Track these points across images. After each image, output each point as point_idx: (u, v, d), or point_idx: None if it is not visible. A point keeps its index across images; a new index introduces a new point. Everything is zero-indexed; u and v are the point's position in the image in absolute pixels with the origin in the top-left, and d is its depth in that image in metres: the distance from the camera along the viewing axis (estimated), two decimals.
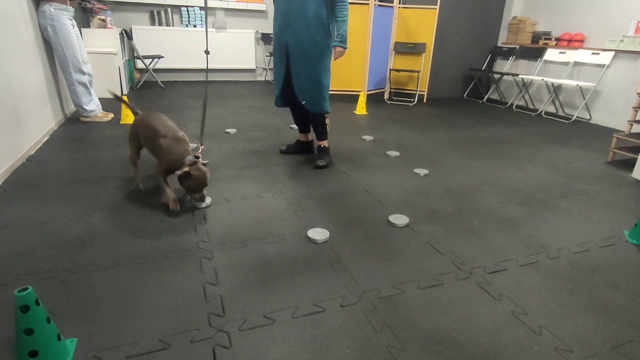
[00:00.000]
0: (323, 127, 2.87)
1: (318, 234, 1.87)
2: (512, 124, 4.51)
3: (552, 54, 5.24)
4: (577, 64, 4.99)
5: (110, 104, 4.29)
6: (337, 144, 3.37)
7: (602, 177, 2.90)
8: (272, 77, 6.89)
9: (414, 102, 5.49)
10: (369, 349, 1.23)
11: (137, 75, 5.95)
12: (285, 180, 2.54)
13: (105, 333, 1.24)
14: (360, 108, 4.64)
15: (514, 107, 5.57)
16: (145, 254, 1.66)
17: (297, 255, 1.71)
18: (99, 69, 4.40)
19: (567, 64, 5.07)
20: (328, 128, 2.93)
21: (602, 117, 4.76)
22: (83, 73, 3.52)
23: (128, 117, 3.69)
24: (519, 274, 1.66)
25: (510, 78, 5.83)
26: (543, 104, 5.34)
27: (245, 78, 6.83)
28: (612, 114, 4.64)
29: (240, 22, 6.42)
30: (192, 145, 2.88)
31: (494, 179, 2.74)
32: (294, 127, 3.84)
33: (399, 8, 5.31)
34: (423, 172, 2.78)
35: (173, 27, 6.05)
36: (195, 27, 6.13)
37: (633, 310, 1.47)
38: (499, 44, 6.08)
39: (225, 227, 1.93)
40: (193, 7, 6.04)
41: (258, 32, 6.56)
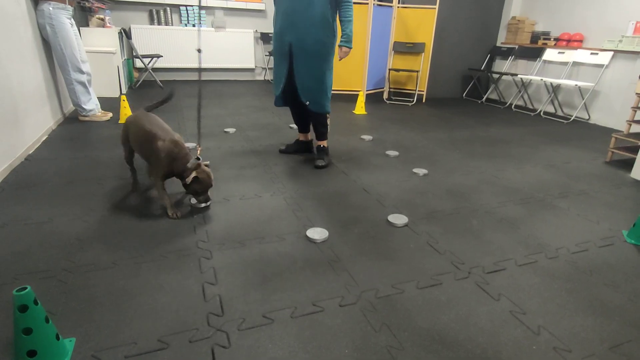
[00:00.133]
0: (324, 127, 2.87)
1: (317, 234, 1.87)
2: (511, 124, 4.52)
3: (551, 54, 5.25)
4: (576, 64, 4.99)
5: (109, 103, 4.29)
6: (336, 144, 3.37)
7: (600, 177, 2.90)
8: (271, 76, 6.88)
9: (413, 101, 5.50)
10: (368, 349, 1.23)
11: (136, 75, 5.94)
12: (285, 180, 2.54)
13: (104, 333, 1.24)
14: (360, 108, 4.64)
15: (513, 107, 5.57)
16: (144, 254, 1.66)
17: (296, 255, 1.71)
18: (98, 68, 4.39)
19: (566, 64, 5.08)
20: (328, 128, 2.93)
21: (600, 117, 4.77)
22: (82, 72, 3.52)
23: (127, 116, 3.69)
24: (518, 274, 1.66)
25: (509, 78, 5.83)
26: (542, 104, 5.35)
27: (245, 77, 6.82)
28: (610, 114, 4.65)
29: (240, 21, 6.42)
30: (189, 145, 2.87)
31: (493, 179, 2.74)
32: (293, 126, 3.84)
33: (398, 8, 5.31)
34: (422, 171, 2.78)
35: (172, 26, 6.04)
36: (194, 26, 6.12)
37: (631, 310, 1.47)
38: (498, 44, 6.08)
39: (225, 226, 1.93)
40: (192, 6, 6.04)
41: (257, 31, 6.55)
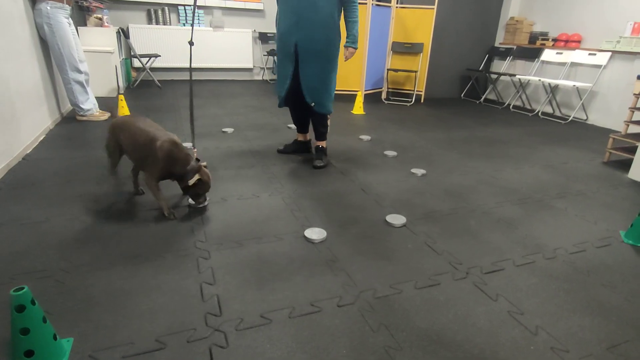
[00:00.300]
0: (324, 127, 2.87)
1: (315, 234, 1.86)
2: (509, 124, 4.53)
3: (549, 55, 5.26)
4: (574, 65, 5.01)
5: (107, 103, 4.27)
6: (334, 144, 3.37)
7: (598, 177, 2.91)
8: (269, 76, 6.87)
9: (412, 102, 5.50)
10: (366, 349, 1.23)
11: (133, 74, 5.93)
12: (283, 180, 2.54)
13: (101, 333, 1.24)
14: (358, 108, 4.64)
15: (511, 107, 5.58)
16: (142, 254, 1.66)
17: (294, 255, 1.71)
18: (96, 68, 4.38)
19: (564, 65, 5.09)
20: (328, 128, 2.93)
21: (598, 117, 4.78)
22: (80, 72, 3.51)
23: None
24: (516, 274, 1.66)
25: (508, 78, 5.84)
26: (540, 105, 5.36)
27: (243, 77, 6.81)
28: (608, 115, 4.66)
29: (238, 21, 6.41)
30: (186, 146, 2.87)
31: (491, 179, 2.75)
32: (292, 126, 3.84)
33: (397, 8, 5.31)
34: (420, 172, 2.79)
35: (170, 25, 6.03)
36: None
37: (629, 310, 1.47)
38: (497, 44, 6.09)
39: (222, 226, 1.93)
40: (190, 6, 6.02)
41: (255, 31, 6.55)
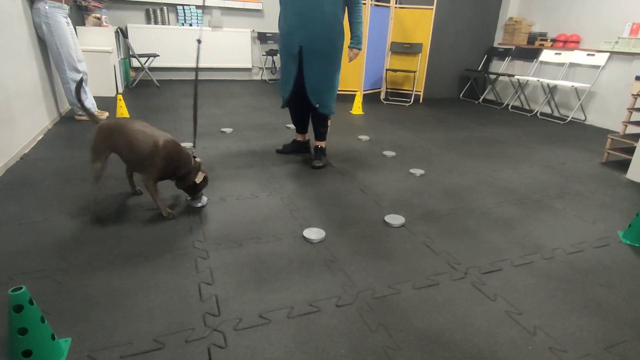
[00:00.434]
0: (325, 127, 2.86)
1: (314, 234, 1.86)
2: (507, 125, 4.53)
3: (547, 55, 5.27)
4: (572, 65, 5.01)
5: (105, 103, 4.27)
6: (333, 144, 3.37)
7: (596, 177, 2.92)
8: (268, 76, 6.87)
9: (410, 102, 5.50)
10: (365, 349, 1.23)
11: (132, 74, 5.92)
12: (281, 180, 2.54)
13: (100, 333, 1.23)
14: (357, 108, 4.64)
15: (510, 107, 5.59)
16: (140, 253, 1.66)
17: (292, 255, 1.71)
18: (94, 68, 4.37)
19: (562, 65, 5.10)
20: (328, 129, 2.93)
21: (597, 118, 4.79)
22: (78, 71, 3.50)
23: (123, 116, 3.67)
24: (514, 274, 1.66)
25: (506, 79, 5.85)
26: (539, 105, 5.37)
27: (242, 77, 6.81)
28: (607, 115, 4.67)
29: (237, 21, 6.41)
30: (184, 145, 2.86)
31: (490, 179, 2.75)
32: (291, 126, 3.84)
33: (396, 8, 5.31)
34: (419, 172, 2.79)
35: (169, 25, 6.02)
36: (191, 25, 6.11)
37: (627, 310, 1.48)
38: (495, 45, 6.10)
39: (221, 226, 1.93)
40: (189, 5, 6.02)
41: (254, 31, 6.54)
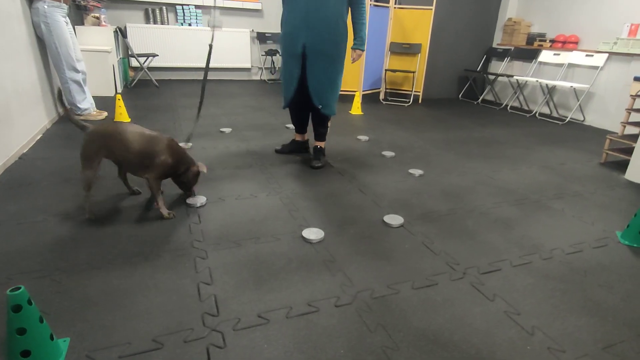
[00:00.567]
0: (325, 128, 2.86)
1: (313, 234, 1.86)
2: (506, 125, 4.54)
3: (546, 56, 5.27)
4: (571, 66, 5.02)
5: (104, 102, 4.26)
6: (332, 144, 3.37)
7: (595, 178, 2.92)
8: (267, 76, 6.87)
9: (409, 102, 5.51)
10: (363, 349, 1.23)
11: (131, 74, 5.91)
12: (280, 180, 2.54)
13: (98, 333, 1.23)
14: (356, 108, 4.64)
15: (509, 108, 5.60)
16: (139, 253, 1.66)
17: (291, 255, 1.71)
18: (93, 67, 4.36)
19: (561, 66, 5.11)
20: (328, 129, 2.93)
21: (595, 118, 4.80)
22: (77, 71, 3.50)
23: (122, 115, 3.67)
24: (513, 275, 1.66)
25: (505, 79, 5.86)
26: (537, 105, 5.38)
27: (241, 77, 6.81)
28: (605, 116, 4.68)
29: (236, 21, 6.40)
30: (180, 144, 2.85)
31: (489, 180, 2.75)
32: (290, 126, 3.84)
33: (395, 8, 5.32)
34: (418, 172, 2.79)
35: (168, 25, 6.02)
36: (191, 25, 6.10)
37: (625, 311, 1.48)
38: (494, 45, 6.11)
39: (220, 226, 1.92)
40: (188, 5, 6.02)
41: (254, 31, 6.54)
